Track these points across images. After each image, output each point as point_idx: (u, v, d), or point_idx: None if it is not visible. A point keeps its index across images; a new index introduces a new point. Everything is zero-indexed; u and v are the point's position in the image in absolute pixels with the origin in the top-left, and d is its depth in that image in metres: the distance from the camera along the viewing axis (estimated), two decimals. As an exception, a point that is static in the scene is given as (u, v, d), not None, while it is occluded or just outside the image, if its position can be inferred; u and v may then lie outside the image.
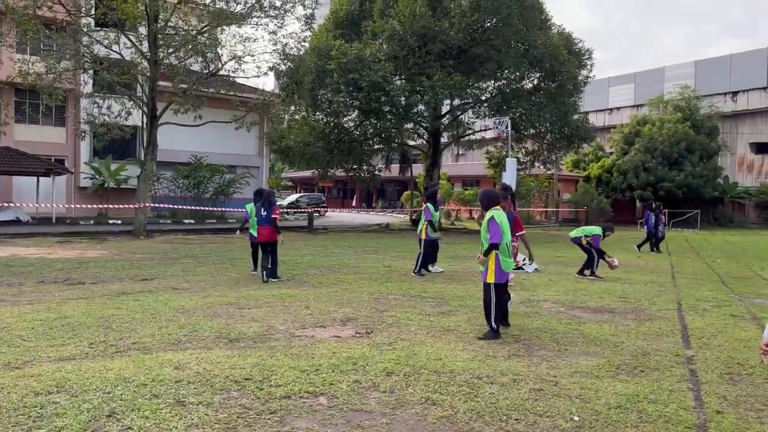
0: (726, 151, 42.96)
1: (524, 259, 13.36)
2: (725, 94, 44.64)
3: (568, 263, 15.07)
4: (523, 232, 9.13)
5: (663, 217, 20.63)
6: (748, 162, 44.82)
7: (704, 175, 38.48)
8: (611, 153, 44.15)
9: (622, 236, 26.32)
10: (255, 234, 11.43)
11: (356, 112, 27.85)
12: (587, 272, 12.27)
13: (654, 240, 19.38)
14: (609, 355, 5.97)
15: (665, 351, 6.18)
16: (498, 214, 6.75)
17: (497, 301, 6.76)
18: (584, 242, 12.44)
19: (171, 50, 21.85)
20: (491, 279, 6.75)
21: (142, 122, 24.16)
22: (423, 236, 12.14)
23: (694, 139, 38.64)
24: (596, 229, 12.47)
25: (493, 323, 6.69)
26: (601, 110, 51.44)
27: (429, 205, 12.32)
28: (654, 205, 19.90)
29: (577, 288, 10.63)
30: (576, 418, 4.24)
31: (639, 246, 19.47)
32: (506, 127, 23.15)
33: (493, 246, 6.65)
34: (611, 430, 4.06)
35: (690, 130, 38.93)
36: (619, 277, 12.33)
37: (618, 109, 50.73)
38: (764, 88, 43.00)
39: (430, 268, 12.48)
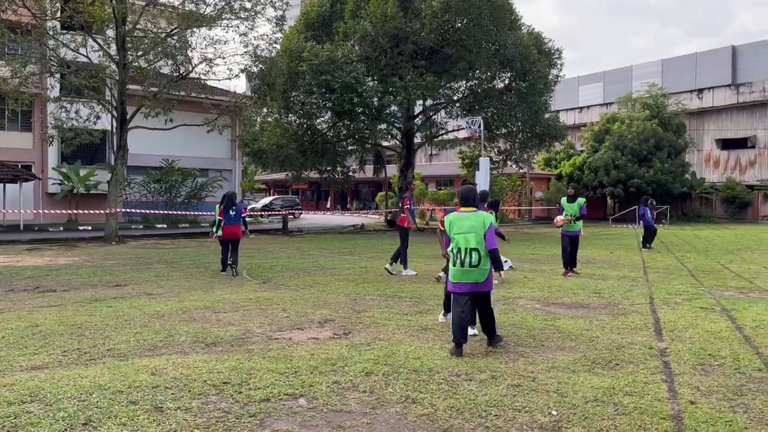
0: (693, 148, 43.87)
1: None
2: (691, 91, 45.58)
3: (542, 260, 15.24)
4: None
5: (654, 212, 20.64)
6: (714, 158, 45.81)
7: (672, 171, 39.24)
8: (582, 151, 44.76)
9: (596, 233, 26.70)
10: (220, 234, 12.34)
11: (329, 113, 27.82)
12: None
13: (645, 235, 19.26)
14: (584, 350, 6.06)
15: (639, 344, 6.29)
16: (447, 217, 6.17)
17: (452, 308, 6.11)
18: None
19: (140, 53, 21.57)
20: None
21: (112, 126, 23.80)
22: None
23: (662, 136, 39.39)
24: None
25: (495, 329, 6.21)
26: (572, 109, 52.11)
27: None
28: (649, 201, 19.81)
29: (551, 284, 10.75)
30: (554, 413, 4.29)
31: (644, 243, 19.00)
32: (479, 127, 23.34)
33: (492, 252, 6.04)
34: (588, 423, 4.12)
35: (658, 127, 39.67)
36: (593, 273, 12.51)
37: (588, 107, 51.44)
38: (729, 86, 44.01)
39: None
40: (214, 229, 12.67)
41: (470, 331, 6.23)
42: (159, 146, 29.40)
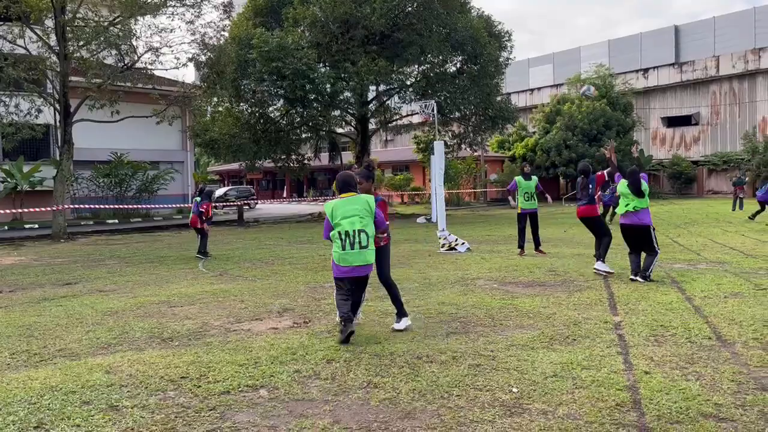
0: (640, 126, 45.05)
1: (456, 239, 13.59)
2: (637, 71, 46.70)
3: (498, 241, 15.44)
4: (387, 224, 6.41)
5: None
6: (660, 135, 47.14)
7: (622, 149, 40.15)
8: (534, 132, 45.43)
9: (550, 212, 27.19)
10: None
11: (281, 101, 27.44)
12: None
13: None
14: (542, 327, 6.16)
15: (595, 319, 6.43)
16: (327, 205, 6.08)
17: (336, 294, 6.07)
18: None
19: (81, 43, 20.78)
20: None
21: (55, 120, 22.94)
22: None
23: (610, 115, 40.27)
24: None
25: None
26: (523, 91, 52.79)
27: None
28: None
29: (508, 264, 10.90)
30: (515, 390, 4.35)
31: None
32: (432, 111, 23.39)
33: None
34: (548, 398, 4.18)
35: (607, 107, 40.54)
36: (548, 251, 12.72)
37: (539, 89, 52.18)
38: (672, 65, 45.24)
39: None
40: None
41: (356, 319, 6.21)
42: (107, 140, 28.51)
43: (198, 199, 14.00)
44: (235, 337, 6.07)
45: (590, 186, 10.36)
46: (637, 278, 8.69)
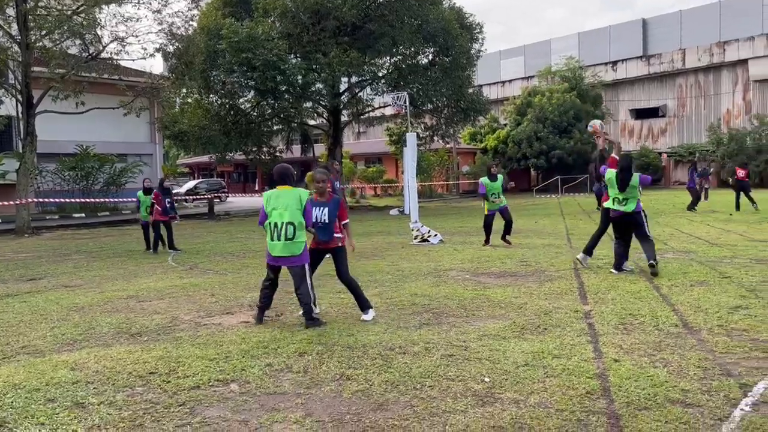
0: (609, 118, 45.67)
1: (429, 231, 13.62)
2: (606, 63, 47.29)
3: (471, 233, 15.53)
4: (347, 221, 6.84)
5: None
6: (629, 127, 47.87)
7: (591, 141, 40.64)
8: (506, 124, 45.76)
9: (521, 204, 27.43)
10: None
11: (252, 92, 27.11)
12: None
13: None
14: (514, 317, 6.20)
15: (565, 308, 6.49)
16: (265, 194, 6.35)
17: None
18: None
19: (44, 32, 20.23)
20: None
21: (18, 111, 22.32)
22: None
23: (580, 107, 40.77)
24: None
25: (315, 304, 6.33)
26: (494, 83, 53.07)
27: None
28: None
29: (480, 255, 10.96)
30: (487, 380, 4.36)
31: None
32: (404, 102, 23.37)
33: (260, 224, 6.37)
34: (520, 387, 4.21)
35: (577, 99, 41.03)
36: (520, 242, 12.83)
37: (510, 81, 52.51)
38: (640, 57, 45.92)
39: None
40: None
41: (315, 309, 6.33)
42: (72, 132, 27.86)
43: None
44: (205, 332, 5.99)
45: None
46: (618, 271, 8.61)
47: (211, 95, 27.99)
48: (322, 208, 6.49)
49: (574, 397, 3.98)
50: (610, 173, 8.76)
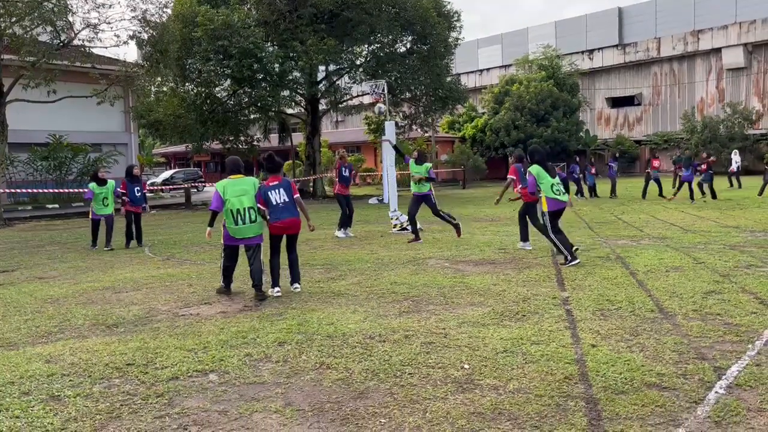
0: (586, 107, 46.05)
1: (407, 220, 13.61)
2: (583, 52, 47.59)
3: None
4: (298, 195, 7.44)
5: (593, 167, 23.71)
6: (605, 116, 48.31)
7: (568, 129, 41.06)
8: (484, 113, 45.87)
9: (499, 192, 27.55)
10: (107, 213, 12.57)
11: (228, 80, 26.79)
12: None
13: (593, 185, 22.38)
14: (493, 304, 6.23)
15: (543, 295, 6.55)
16: (219, 183, 7.20)
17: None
18: None
19: (14, 19, 19.72)
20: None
21: (-13, 100, 21.81)
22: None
23: (558, 96, 41.01)
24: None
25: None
26: (472, 72, 53.14)
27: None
28: (617, 154, 22.94)
29: (459, 243, 11.00)
30: (466, 366, 4.38)
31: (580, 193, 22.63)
32: (382, 91, 23.28)
33: (213, 212, 7.30)
34: (499, 373, 4.23)
35: (554, 88, 41.25)
36: (498, 230, 12.90)
37: (488, 70, 52.63)
38: (616, 46, 46.27)
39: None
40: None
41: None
42: (44, 121, 27.26)
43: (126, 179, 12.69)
44: (183, 322, 5.94)
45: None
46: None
47: (186, 84, 27.61)
48: (277, 190, 7.15)
49: (552, 382, 4.02)
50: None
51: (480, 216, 16.64)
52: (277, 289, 7.12)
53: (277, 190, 7.14)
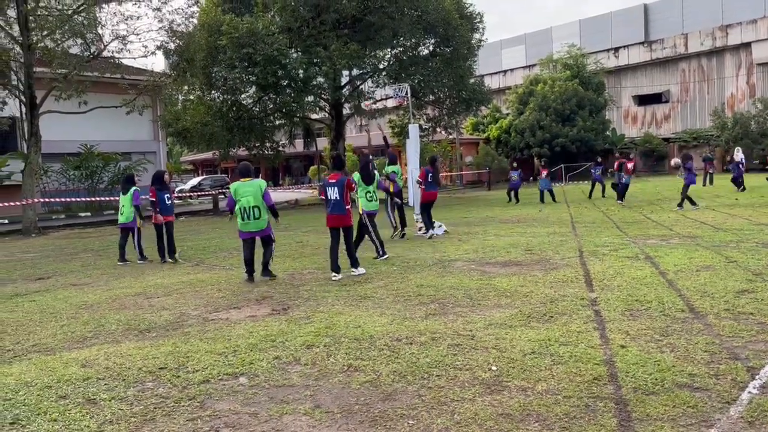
0: (612, 105, 45.49)
1: (433, 222, 13.61)
2: (608, 50, 47.03)
3: (475, 223, 15.53)
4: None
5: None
6: (632, 114, 47.66)
7: (594, 128, 40.59)
8: (508, 114, 45.59)
9: (525, 193, 27.38)
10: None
11: (253, 87, 27.07)
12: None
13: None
14: (520, 306, 6.21)
15: (571, 296, 6.50)
16: (232, 185, 8.51)
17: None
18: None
19: (45, 33, 20.25)
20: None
21: (21, 112, 22.38)
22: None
23: (583, 95, 40.58)
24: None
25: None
26: (496, 73, 52.86)
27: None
28: (599, 159, 23.00)
29: (485, 245, 10.96)
30: (494, 368, 4.38)
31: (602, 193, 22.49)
32: (406, 94, 23.31)
33: (229, 211, 8.67)
34: (527, 374, 4.23)
35: (579, 86, 40.83)
36: (524, 231, 12.83)
37: (511, 70, 52.30)
38: (642, 43, 45.64)
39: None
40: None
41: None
42: (76, 131, 27.87)
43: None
44: (213, 326, 6.03)
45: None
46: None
47: (212, 92, 27.96)
48: (333, 187, 8.41)
49: (581, 383, 4.00)
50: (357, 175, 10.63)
51: (505, 217, 16.55)
52: (334, 274, 8.24)
53: (333, 188, 8.43)
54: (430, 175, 12.98)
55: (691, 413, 3.49)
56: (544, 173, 22.40)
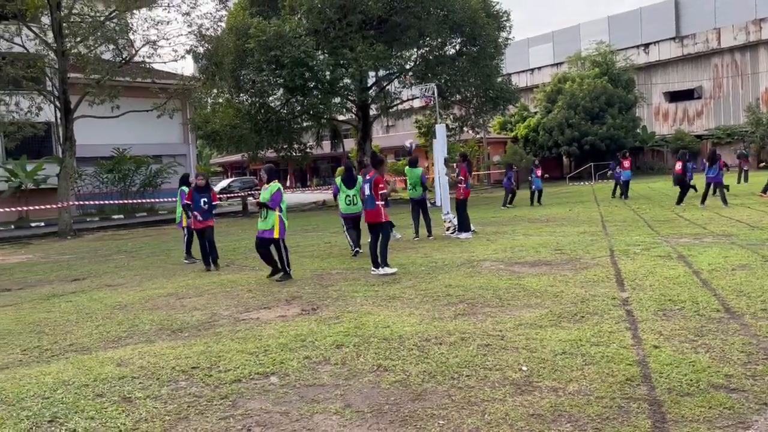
0: (642, 102, 44.75)
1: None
2: (638, 46, 46.28)
3: (504, 222, 15.43)
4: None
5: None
6: (663, 111, 46.82)
7: (624, 126, 39.99)
8: (536, 112, 45.21)
9: (554, 192, 27.14)
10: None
11: (281, 90, 27.32)
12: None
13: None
14: (550, 305, 6.15)
15: (602, 296, 6.42)
16: (277, 186, 8.69)
17: (287, 250, 8.78)
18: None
19: (79, 39, 20.72)
20: (277, 235, 8.59)
21: (56, 117, 22.95)
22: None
23: (612, 92, 40.02)
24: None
25: (287, 268, 8.71)
26: (523, 71, 52.40)
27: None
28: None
29: (514, 245, 10.89)
30: (524, 368, 4.35)
31: (618, 194, 21.83)
32: (432, 94, 23.26)
33: (269, 207, 8.55)
34: (558, 375, 4.19)
35: (608, 84, 40.28)
36: (554, 231, 12.71)
37: (539, 68, 51.79)
38: (673, 39, 44.82)
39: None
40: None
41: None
42: (108, 135, 28.44)
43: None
44: (244, 326, 6.10)
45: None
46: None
47: (241, 94, 28.31)
48: (368, 184, 8.87)
49: (613, 384, 3.95)
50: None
51: (534, 217, 16.41)
52: (372, 269, 8.71)
53: (367, 184, 8.88)
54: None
55: (727, 415, 3.43)
56: (538, 172, 21.75)
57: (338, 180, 11.47)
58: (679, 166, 17.42)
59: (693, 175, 18.40)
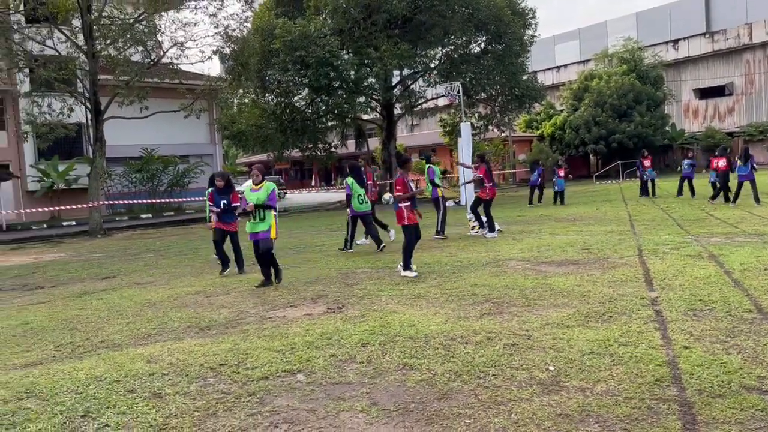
0: (672, 99, 43.98)
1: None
2: (667, 43, 45.51)
3: (530, 221, 15.31)
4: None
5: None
6: (693, 108, 45.99)
7: (653, 124, 39.36)
8: (562, 110, 44.72)
9: (581, 191, 26.84)
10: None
11: (306, 90, 27.47)
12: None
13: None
14: (577, 305, 6.10)
15: (630, 295, 6.34)
16: (272, 185, 8.52)
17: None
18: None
19: (108, 41, 21.11)
20: (274, 235, 8.46)
21: (87, 118, 23.41)
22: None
23: (640, 89, 39.40)
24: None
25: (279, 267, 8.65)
26: (549, 69, 51.89)
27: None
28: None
29: (540, 244, 10.80)
30: (551, 368, 4.32)
31: (643, 193, 21.29)
32: (457, 93, 23.18)
33: (269, 208, 8.36)
34: (586, 375, 4.15)
35: (636, 81, 39.66)
36: (581, 230, 12.57)
37: (565, 66, 51.24)
38: (703, 35, 44.00)
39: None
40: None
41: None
42: (137, 136, 28.92)
43: (210, 189, 10.43)
44: (270, 324, 6.15)
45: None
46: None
47: (266, 94, 28.54)
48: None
49: (642, 384, 3.91)
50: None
51: (561, 216, 16.26)
52: (400, 269, 8.63)
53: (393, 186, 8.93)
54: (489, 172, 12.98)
55: (760, 417, 3.37)
56: (561, 173, 21.46)
57: (350, 180, 11.57)
58: (723, 162, 16.98)
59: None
